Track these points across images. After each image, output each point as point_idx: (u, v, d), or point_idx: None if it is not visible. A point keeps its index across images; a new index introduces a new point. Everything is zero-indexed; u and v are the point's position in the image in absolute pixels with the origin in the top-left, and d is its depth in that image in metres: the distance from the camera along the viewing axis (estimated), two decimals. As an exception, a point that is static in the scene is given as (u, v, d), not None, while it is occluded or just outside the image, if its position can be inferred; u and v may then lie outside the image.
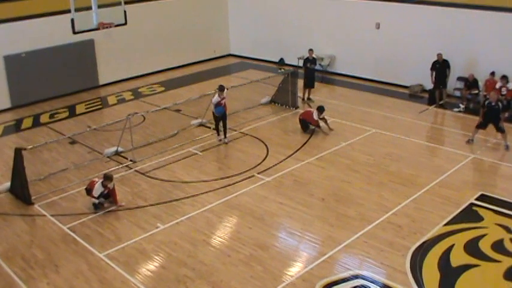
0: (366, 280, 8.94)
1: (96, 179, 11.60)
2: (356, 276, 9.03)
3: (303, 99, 18.54)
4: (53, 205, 11.79)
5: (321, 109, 15.57)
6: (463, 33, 17.85)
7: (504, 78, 16.46)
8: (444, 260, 9.35)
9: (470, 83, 17.41)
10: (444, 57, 17.39)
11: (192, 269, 9.36)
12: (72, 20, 14.69)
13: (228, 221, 11.08)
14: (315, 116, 15.45)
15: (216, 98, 14.73)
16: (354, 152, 14.26)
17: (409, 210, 11.14)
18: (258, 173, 13.04)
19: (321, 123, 15.58)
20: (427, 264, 9.25)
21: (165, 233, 10.57)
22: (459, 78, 18.14)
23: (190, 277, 9.13)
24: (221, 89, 14.77)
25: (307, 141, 15.01)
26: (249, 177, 12.83)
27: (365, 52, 20.73)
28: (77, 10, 14.78)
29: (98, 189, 11.31)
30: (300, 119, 15.84)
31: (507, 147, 14.14)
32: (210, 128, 16.00)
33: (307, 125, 15.65)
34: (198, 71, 23.31)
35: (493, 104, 14.10)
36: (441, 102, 17.74)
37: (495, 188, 12.12)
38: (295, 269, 9.32)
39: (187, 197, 11.97)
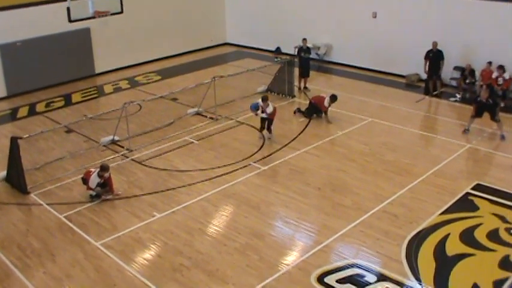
0: (362, 269, 8.98)
1: (92, 169, 11.57)
2: (352, 265, 9.07)
3: (299, 88, 18.51)
4: (49, 194, 11.79)
5: (333, 98, 15.53)
6: (460, 22, 17.79)
7: (501, 68, 16.41)
8: (440, 249, 9.40)
9: (467, 72, 17.38)
10: (441, 46, 17.31)
11: (188, 257, 9.39)
12: (68, 9, 14.62)
13: (224, 210, 11.10)
14: (326, 103, 15.44)
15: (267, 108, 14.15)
16: (350, 141, 14.26)
17: (404, 199, 11.17)
18: (254, 162, 13.04)
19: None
20: (423, 253, 9.30)
21: (161, 222, 10.58)
22: (456, 68, 18.12)
23: (186, 266, 9.16)
24: (263, 99, 14.14)
25: (304, 130, 15.01)
26: (245, 166, 12.84)
27: (362, 41, 20.66)
28: (72, -1, 14.75)
29: (94, 180, 11.29)
30: (310, 102, 15.90)
31: (503, 137, 14.16)
32: (206, 116, 15.98)
33: (314, 111, 15.68)
34: (194, 59, 23.21)
35: (484, 101, 14.16)
36: (435, 93, 17.72)
37: (491, 177, 12.14)
38: (291, 258, 9.35)
39: (183, 186, 11.97)
